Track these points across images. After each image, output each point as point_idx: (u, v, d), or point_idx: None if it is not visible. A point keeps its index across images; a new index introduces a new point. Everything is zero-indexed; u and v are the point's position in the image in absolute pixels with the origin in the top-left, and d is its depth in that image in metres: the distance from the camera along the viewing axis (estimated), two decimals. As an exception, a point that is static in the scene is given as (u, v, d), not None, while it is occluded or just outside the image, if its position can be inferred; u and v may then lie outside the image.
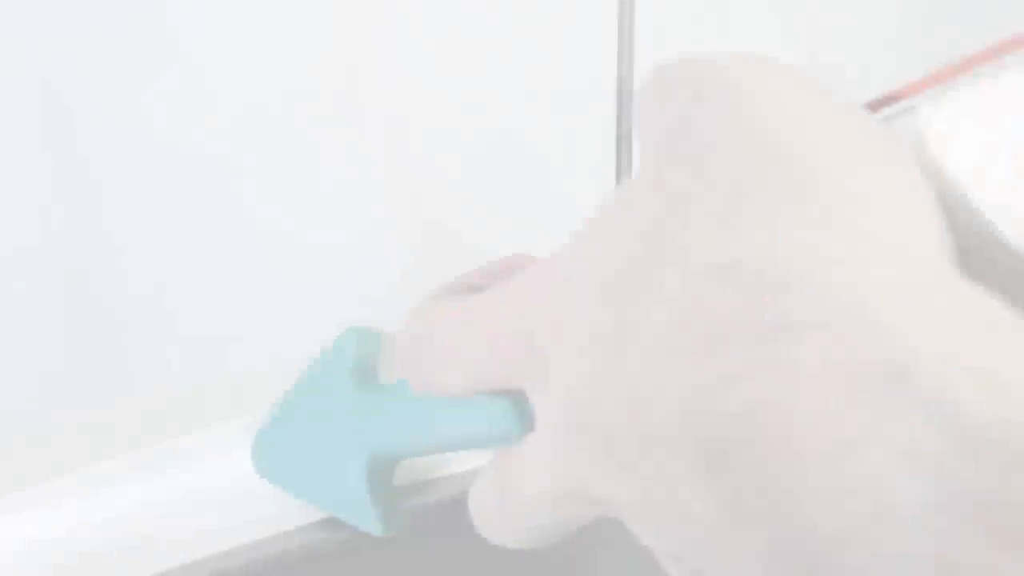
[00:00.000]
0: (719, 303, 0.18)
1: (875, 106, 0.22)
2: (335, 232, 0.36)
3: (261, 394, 0.38)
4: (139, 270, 0.34)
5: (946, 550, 0.16)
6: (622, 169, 0.39)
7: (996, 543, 0.15)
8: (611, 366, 0.20)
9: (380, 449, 0.34)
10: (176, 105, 0.32)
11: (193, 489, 0.38)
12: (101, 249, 0.33)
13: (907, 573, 0.16)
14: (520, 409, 0.26)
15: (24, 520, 0.36)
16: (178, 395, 0.36)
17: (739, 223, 0.19)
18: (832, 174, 0.19)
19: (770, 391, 0.18)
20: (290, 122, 0.33)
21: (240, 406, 0.38)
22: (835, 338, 0.17)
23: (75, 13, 0.30)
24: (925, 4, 0.41)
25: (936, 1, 0.41)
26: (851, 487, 0.17)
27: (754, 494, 0.18)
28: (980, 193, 0.20)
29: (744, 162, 0.19)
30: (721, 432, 0.18)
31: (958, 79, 0.21)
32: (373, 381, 0.36)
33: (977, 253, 0.20)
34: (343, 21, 0.33)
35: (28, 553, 0.35)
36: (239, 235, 0.35)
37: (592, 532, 0.30)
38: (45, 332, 0.33)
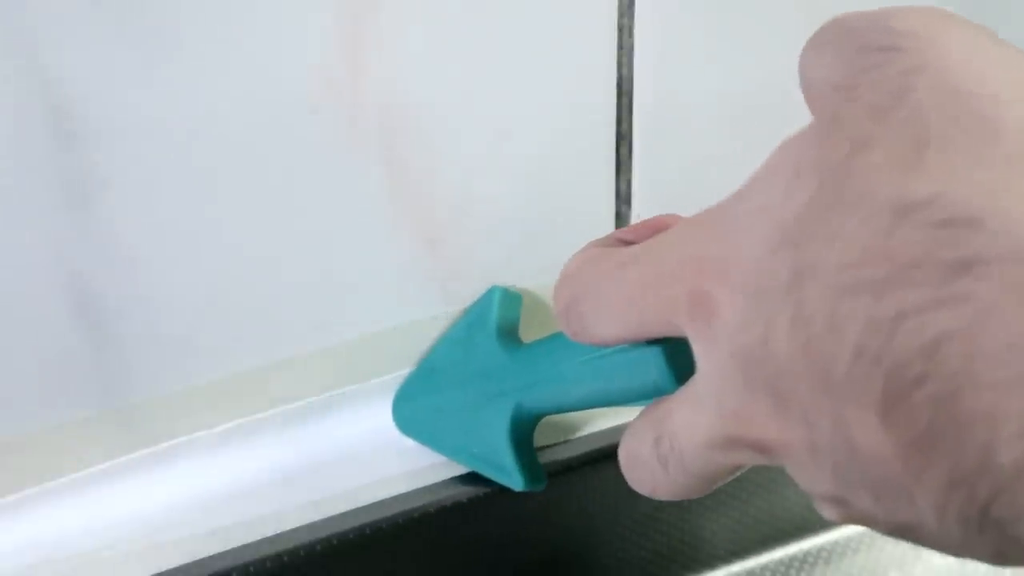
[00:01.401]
0: (904, 241, 0.19)
1: None
2: (335, 231, 0.36)
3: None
4: (141, 268, 0.34)
5: None
6: (622, 169, 0.39)
7: None
8: (785, 307, 0.20)
9: (525, 404, 0.34)
10: (178, 106, 0.32)
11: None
12: (106, 242, 0.33)
13: None
14: (673, 361, 0.26)
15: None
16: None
17: (924, 165, 0.19)
18: (1014, 116, 0.19)
19: (954, 324, 0.18)
20: (289, 121, 0.33)
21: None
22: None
23: (77, 13, 0.30)
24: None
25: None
26: None
27: (932, 430, 0.18)
28: None
29: (927, 107, 0.20)
30: (900, 368, 0.18)
31: None
32: (515, 339, 0.36)
33: None
34: (343, 21, 0.33)
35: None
36: (240, 231, 0.35)
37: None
38: (57, 324, 0.34)
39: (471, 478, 0.38)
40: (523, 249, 0.39)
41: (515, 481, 0.36)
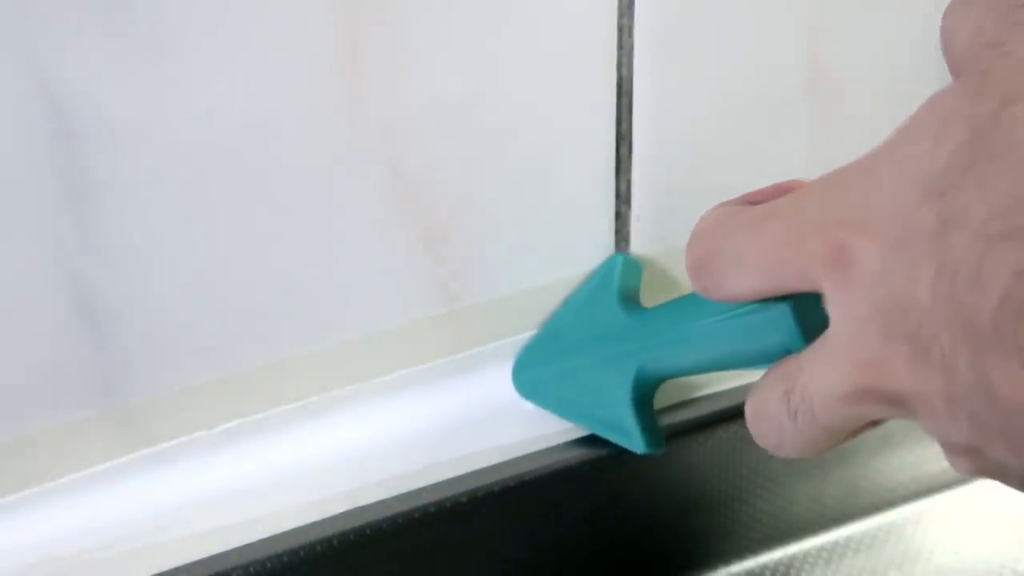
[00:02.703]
0: None
1: None
2: (335, 231, 0.36)
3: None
4: (141, 268, 0.34)
5: None
6: (622, 169, 0.39)
7: None
8: (929, 257, 0.20)
9: (647, 366, 0.35)
10: (177, 106, 0.32)
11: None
12: (106, 242, 0.33)
13: None
14: (801, 318, 0.26)
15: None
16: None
17: None
18: None
19: None
20: (288, 121, 0.33)
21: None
22: None
23: (77, 14, 0.30)
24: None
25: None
26: None
27: None
28: None
29: None
30: None
31: None
32: (637, 303, 0.37)
33: None
34: (343, 21, 0.33)
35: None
36: (240, 231, 0.35)
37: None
38: (63, 320, 0.34)
39: (591, 441, 0.39)
40: (523, 249, 0.39)
41: (636, 444, 0.36)
